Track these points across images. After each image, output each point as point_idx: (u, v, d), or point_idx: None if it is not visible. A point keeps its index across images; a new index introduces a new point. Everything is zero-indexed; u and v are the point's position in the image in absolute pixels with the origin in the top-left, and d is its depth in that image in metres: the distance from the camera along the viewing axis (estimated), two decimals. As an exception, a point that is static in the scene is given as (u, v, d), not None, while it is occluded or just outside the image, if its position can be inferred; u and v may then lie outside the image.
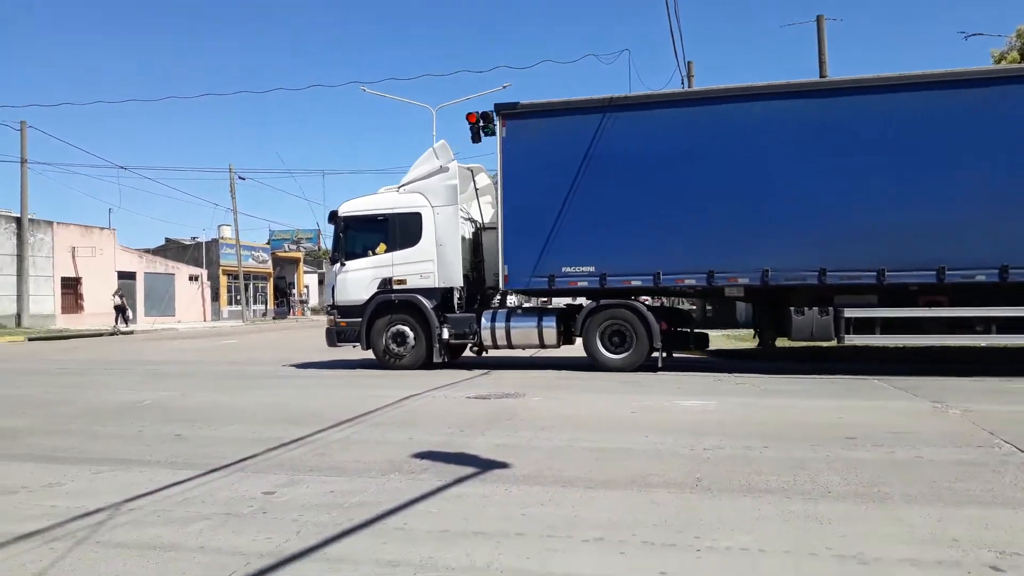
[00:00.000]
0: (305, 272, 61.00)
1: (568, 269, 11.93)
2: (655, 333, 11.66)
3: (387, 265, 12.86)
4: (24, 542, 3.71)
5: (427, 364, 12.65)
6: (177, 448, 6.09)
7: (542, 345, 12.45)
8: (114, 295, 32.25)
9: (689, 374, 11.43)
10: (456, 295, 12.77)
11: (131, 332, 30.88)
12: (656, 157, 11.58)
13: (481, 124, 13.52)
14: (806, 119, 11.16)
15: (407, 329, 12.73)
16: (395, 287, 12.82)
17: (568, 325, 12.41)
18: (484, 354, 13.45)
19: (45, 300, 33.97)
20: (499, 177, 12.37)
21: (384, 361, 12.88)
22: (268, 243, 55.65)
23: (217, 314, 46.84)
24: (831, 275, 10.90)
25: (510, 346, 12.53)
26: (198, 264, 46.83)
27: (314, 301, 62.93)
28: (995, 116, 10.47)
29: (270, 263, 53.35)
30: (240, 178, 44.74)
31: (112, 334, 29.68)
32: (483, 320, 12.44)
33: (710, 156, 11.40)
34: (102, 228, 38.56)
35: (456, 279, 12.68)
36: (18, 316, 32.23)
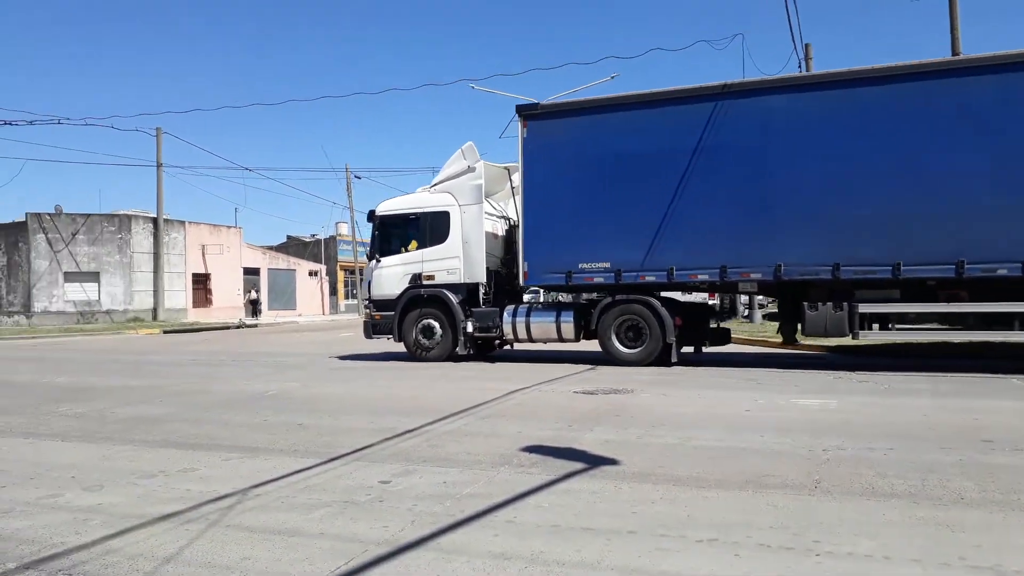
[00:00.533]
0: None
1: (585, 265, 12.22)
2: (668, 328, 11.78)
3: (417, 261, 13.62)
4: (163, 523, 3.99)
5: (452, 356, 13.29)
6: (299, 437, 6.37)
7: (560, 339, 12.74)
8: (250, 290, 34.27)
9: (802, 372, 11.00)
10: (481, 290, 13.29)
11: (256, 325, 32.58)
12: (671, 154, 11.68)
13: None
14: (813, 112, 11.02)
15: (435, 323, 13.43)
16: (424, 282, 13.52)
17: (587, 320, 12.57)
18: (509, 347, 14.15)
19: (178, 295, 36.32)
20: (520, 177, 12.75)
21: (414, 353, 13.61)
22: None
23: (335, 308, 48.76)
24: (845, 270, 10.71)
25: (530, 339, 12.95)
26: (317, 260, 48.88)
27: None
28: (1009, 102, 10.02)
29: (383, 258, 54.89)
30: (356, 177, 46.39)
31: (239, 327, 31.41)
32: (505, 315, 12.93)
33: (723, 152, 11.39)
34: (229, 227, 40.83)
35: (480, 275, 13.21)
36: (154, 310, 34.61)
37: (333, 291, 49.25)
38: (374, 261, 14.17)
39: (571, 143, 12.42)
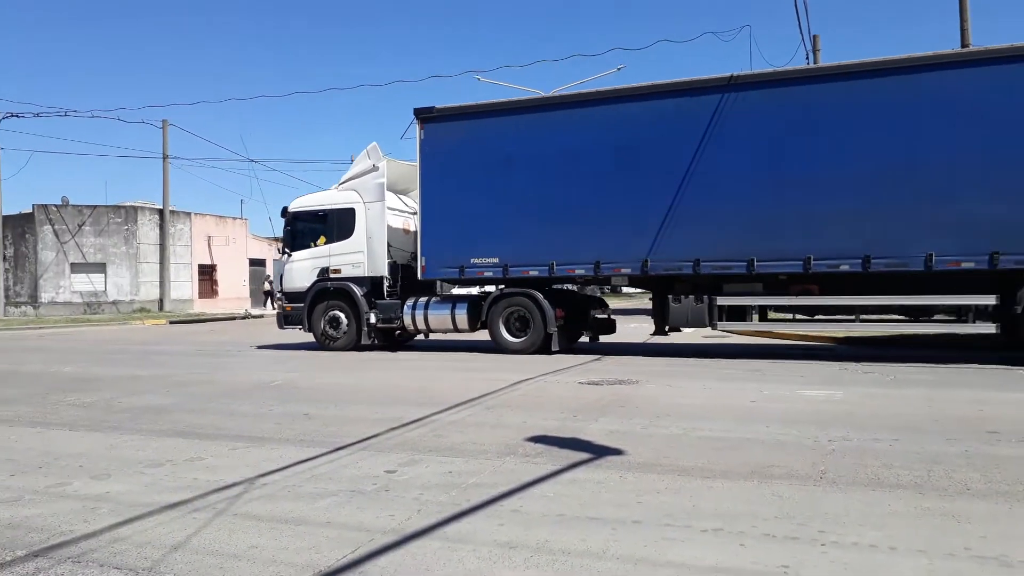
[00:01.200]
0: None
1: (476, 260, 13.02)
2: (550, 319, 12.63)
3: (325, 256, 14.42)
4: (171, 511, 4.01)
5: (358, 347, 14.04)
6: (305, 426, 6.40)
7: (456, 330, 13.53)
8: (264, 280, 34.51)
9: (808, 363, 10.98)
10: (385, 283, 14.06)
11: (261, 316, 32.66)
12: (550, 157, 12.48)
13: None
14: (676, 119, 11.77)
15: (341, 314, 14.23)
16: (331, 276, 14.32)
17: (480, 311, 13.33)
18: (423, 337, 15.15)
19: (183, 286, 36.40)
20: (419, 176, 13.42)
21: (321, 343, 14.42)
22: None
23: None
24: (705, 265, 11.57)
25: (429, 330, 13.86)
26: (321, 251, 48.78)
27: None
28: (856, 111, 10.81)
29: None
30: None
31: (244, 317, 31.49)
32: (406, 307, 13.72)
33: (595, 154, 12.21)
34: (235, 218, 40.84)
35: (382, 269, 13.98)
36: (160, 301, 34.71)
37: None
38: (285, 255, 15.00)
39: (464, 144, 13.13)
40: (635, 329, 17.22)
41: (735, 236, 11.31)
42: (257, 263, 41.43)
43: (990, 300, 10.48)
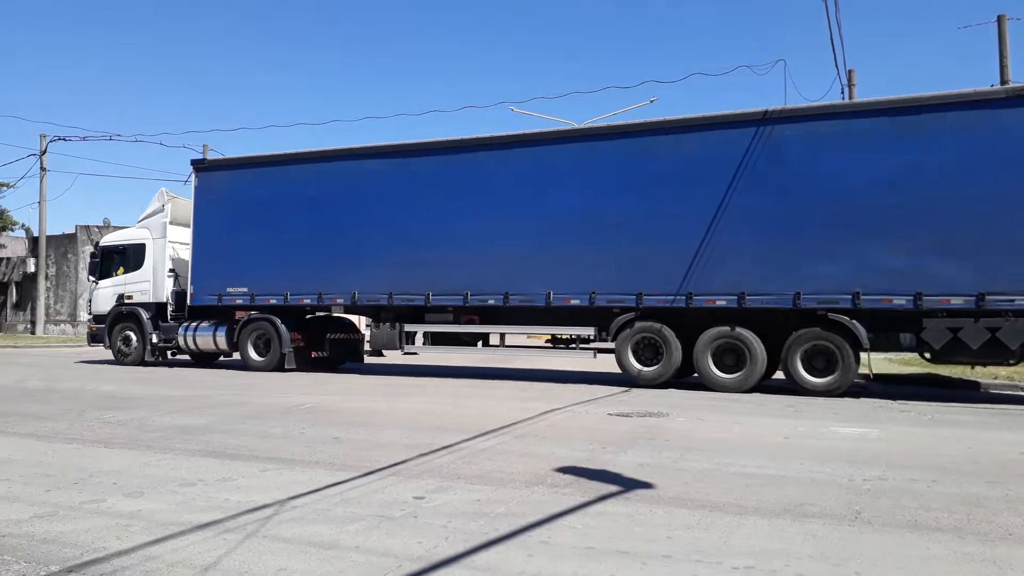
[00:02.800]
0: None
1: (231, 289, 15.38)
2: (285, 341, 14.99)
3: (122, 284, 17.01)
4: (202, 531, 4.04)
5: (144, 362, 16.41)
6: (335, 450, 6.43)
7: (218, 350, 15.91)
8: None
9: (842, 400, 10.80)
10: (169, 308, 16.42)
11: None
12: (289, 203, 14.97)
13: None
14: (375, 175, 14.32)
15: (131, 334, 16.71)
16: (126, 301, 16.85)
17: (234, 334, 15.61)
18: (180, 355, 16.88)
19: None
20: (192, 217, 15.91)
21: (117, 359, 16.89)
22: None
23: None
24: (397, 297, 13.95)
25: (199, 349, 16.11)
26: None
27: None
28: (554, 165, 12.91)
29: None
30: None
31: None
32: (180, 329, 16.06)
33: (326, 202, 14.62)
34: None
35: (163, 296, 16.50)
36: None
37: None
38: (94, 283, 17.72)
39: (226, 191, 15.68)
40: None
41: (418, 275, 13.69)
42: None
43: (590, 330, 13.00)
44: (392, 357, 18.08)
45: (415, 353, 15.27)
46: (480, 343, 14.46)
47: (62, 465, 5.77)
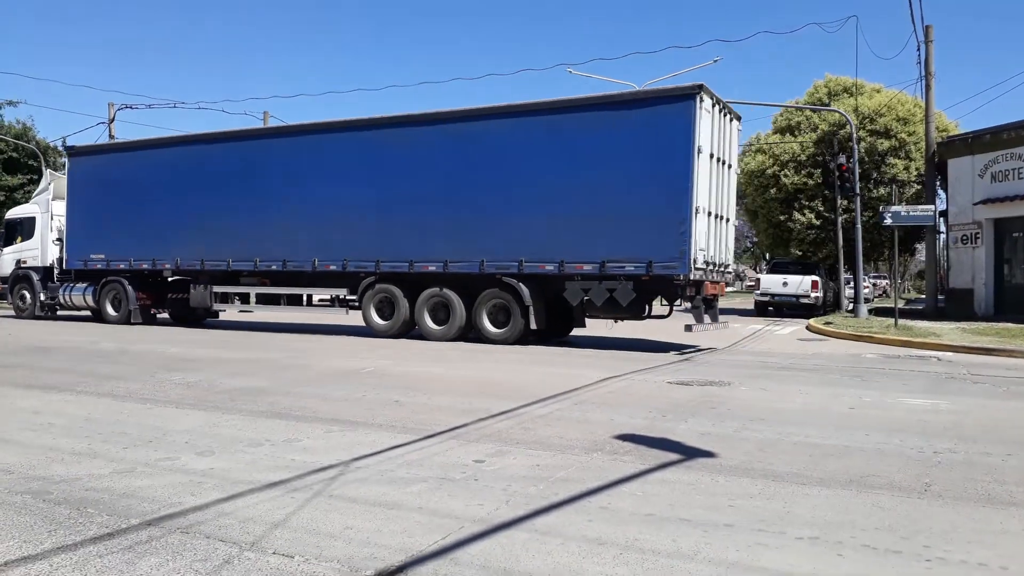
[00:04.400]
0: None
1: (94, 256, 18.30)
2: (131, 299, 17.85)
3: (19, 251, 20.26)
4: (271, 490, 4.17)
5: (36, 316, 19.68)
6: (396, 413, 6.54)
7: (88, 306, 18.66)
8: None
9: (911, 370, 10.50)
10: (55, 270, 19.36)
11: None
12: (134, 183, 17.68)
13: None
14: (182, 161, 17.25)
15: (27, 293, 20.06)
16: (22, 265, 20.13)
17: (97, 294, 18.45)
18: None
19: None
20: (66, 195, 18.87)
21: (17, 314, 20.29)
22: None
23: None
24: (208, 263, 16.67)
25: (75, 306, 19.03)
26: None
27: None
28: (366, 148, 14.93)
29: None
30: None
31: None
32: (62, 289, 19.06)
33: (158, 184, 17.36)
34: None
35: (49, 260, 19.53)
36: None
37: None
38: (0, 249, 20.84)
39: (91, 172, 18.54)
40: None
41: (222, 247, 16.29)
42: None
43: (343, 291, 15.37)
44: (231, 315, 19.98)
45: (250, 311, 17.32)
46: (305, 302, 16.57)
47: (137, 424, 6.01)
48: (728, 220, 13.69)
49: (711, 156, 12.61)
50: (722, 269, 13.53)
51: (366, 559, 3.17)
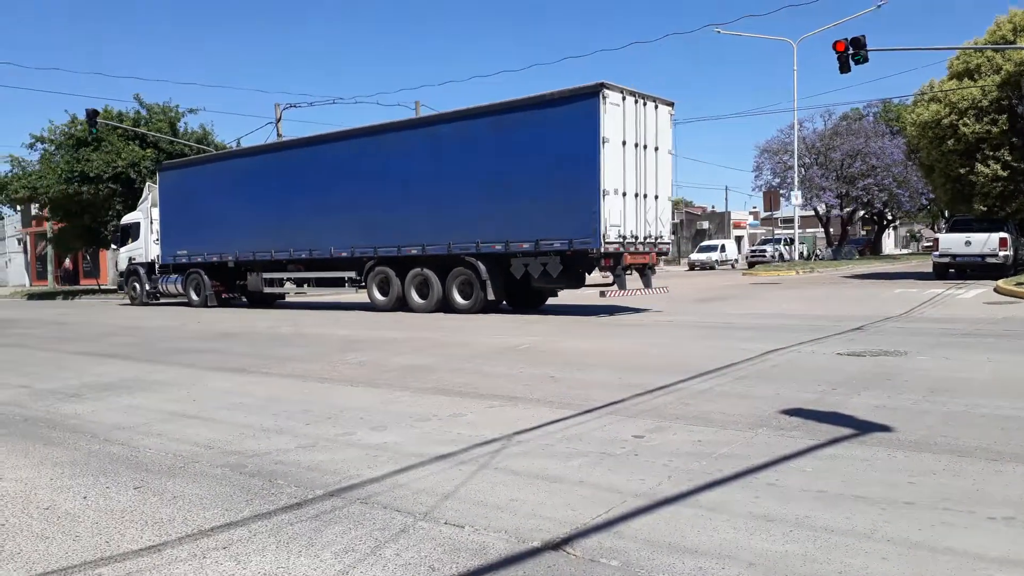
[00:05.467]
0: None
1: (179, 252, 22.14)
2: (207, 286, 21.41)
3: (130, 250, 24.55)
4: (439, 462, 4.38)
5: (145, 303, 23.74)
6: (553, 388, 6.64)
7: (179, 293, 22.41)
8: None
9: None
10: (157, 265, 23.27)
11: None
12: (204, 191, 21.32)
13: (850, 52, 14.83)
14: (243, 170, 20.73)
15: (136, 283, 24.19)
16: (132, 261, 24.42)
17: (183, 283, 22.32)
18: (154, 301, 23.93)
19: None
20: (159, 203, 23.03)
21: (131, 302, 24.61)
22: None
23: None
24: (258, 255, 19.90)
25: (170, 294, 22.87)
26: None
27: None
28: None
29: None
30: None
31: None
32: (161, 279, 23.10)
33: (220, 190, 20.87)
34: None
35: (151, 257, 23.52)
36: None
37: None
38: (116, 250, 26.25)
39: (174, 184, 22.60)
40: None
41: (266, 241, 19.50)
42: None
43: (352, 273, 18.08)
44: (290, 298, 23.02)
45: (304, 293, 20.45)
46: (350, 285, 18.39)
47: (317, 402, 6.48)
48: (657, 197, 15.10)
49: (623, 143, 14.14)
50: (651, 241, 15.08)
51: (532, 530, 3.26)
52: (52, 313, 22.09)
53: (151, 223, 23.46)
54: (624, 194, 14.20)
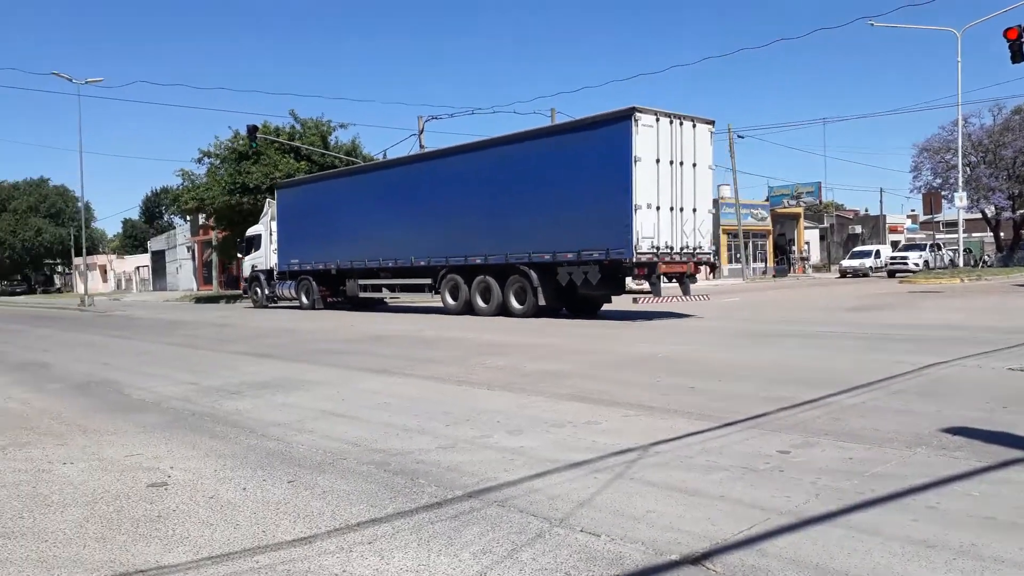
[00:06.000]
0: (805, 228, 59.05)
1: (292, 260, 24.81)
2: (315, 291, 23.92)
3: (253, 259, 27.71)
4: (575, 469, 4.37)
5: (265, 306, 26.79)
6: (691, 399, 6.48)
7: (292, 297, 25.01)
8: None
9: None
10: (275, 272, 26.00)
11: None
12: (312, 207, 23.89)
13: None
14: (345, 189, 23.34)
15: (258, 288, 27.30)
16: (255, 268, 27.58)
17: (298, 286, 24.89)
18: (272, 304, 26.92)
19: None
20: (276, 217, 26.04)
21: (254, 305, 27.71)
22: (767, 200, 55.24)
23: (718, 274, 48.31)
24: (355, 263, 22.32)
25: (287, 297, 25.45)
26: (700, 225, 48.74)
27: (815, 258, 60.63)
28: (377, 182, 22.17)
29: (769, 220, 52.94)
30: (739, 136, 45.12)
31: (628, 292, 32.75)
32: (278, 284, 25.86)
33: (324, 207, 23.42)
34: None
35: (270, 265, 26.32)
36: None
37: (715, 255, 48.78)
38: (241, 258, 29.37)
39: (290, 199, 25.46)
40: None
41: (362, 251, 21.80)
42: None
43: (429, 280, 19.86)
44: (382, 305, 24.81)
45: (397, 298, 22.96)
46: (428, 291, 20.17)
47: (456, 404, 6.64)
48: (695, 210, 15.94)
49: (657, 161, 15.23)
50: (689, 251, 15.99)
51: (669, 543, 3.20)
52: (215, 316, 23.89)
53: (270, 235, 26.39)
54: (659, 208, 15.31)
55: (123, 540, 3.46)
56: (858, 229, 65.08)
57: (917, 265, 40.76)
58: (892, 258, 43.61)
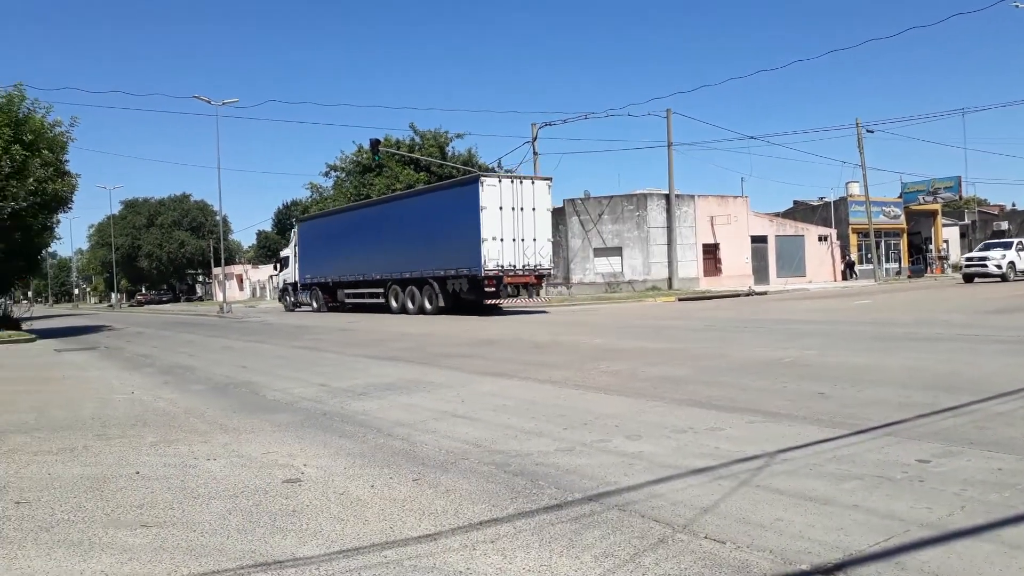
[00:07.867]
0: (944, 225, 55.41)
1: (307, 275, 33.51)
2: (320, 298, 32.49)
3: (284, 275, 37.13)
4: (697, 476, 4.28)
5: (290, 311, 35.01)
6: (821, 406, 6.21)
7: (307, 303, 33.72)
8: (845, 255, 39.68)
9: None
10: (299, 284, 34.21)
11: (764, 293, 32.66)
12: (320, 236, 32.96)
13: None
14: (366, 216, 30.66)
15: (288, 297, 36.36)
16: (284, 281, 37.06)
17: (313, 294, 33.53)
18: (297, 309, 35.50)
19: (689, 265, 38.39)
20: (297, 241, 35.27)
21: (285, 309, 36.30)
22: (900, 197, 52.16)
23: (849, 274, 46.09)
24: (343, 277, 30.71)
25: (303, 303, 34.42)
26: (826, 224, 46.78)
27: (955, 257, 56.75)
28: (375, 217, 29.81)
29: (903, 218, 50.01)
30: (868, 131, 42.83)
31: (748, 294, 31.88)
32: (300, 293, 34.53)
33: (327, 235, 32.34)
34: (735, 196, 41.53)
35: (295, 280, 34.89)
36: (669, 279, 37.17)
37: (844, 255, 46.53)
38: (276, 273, 40.89)
39: (307, 229, 34.45)
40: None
41: (347, 268, 30.25)
42: (759, 240, 41.54)
43: (381, 289, 27.94)
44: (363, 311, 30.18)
45: (378, 302, 28.80)
46: (380, 298, 28.08)
47: (572, 407, 6.64)
48: (535, 239, 23.51)
49: (500, 208, 22.79)
50: (531, 268, 23.58)
51: (799, 552, 3.08)
52: (341, 321, 24.92)
53: (295, 256, 34.86)
54: (503, 239, 22.81)
55: (262, 532, 3.66)
56: (1004, 225, 60.42)
57: (999, 268, 32.98)
58: (968, 259, 35.60)
